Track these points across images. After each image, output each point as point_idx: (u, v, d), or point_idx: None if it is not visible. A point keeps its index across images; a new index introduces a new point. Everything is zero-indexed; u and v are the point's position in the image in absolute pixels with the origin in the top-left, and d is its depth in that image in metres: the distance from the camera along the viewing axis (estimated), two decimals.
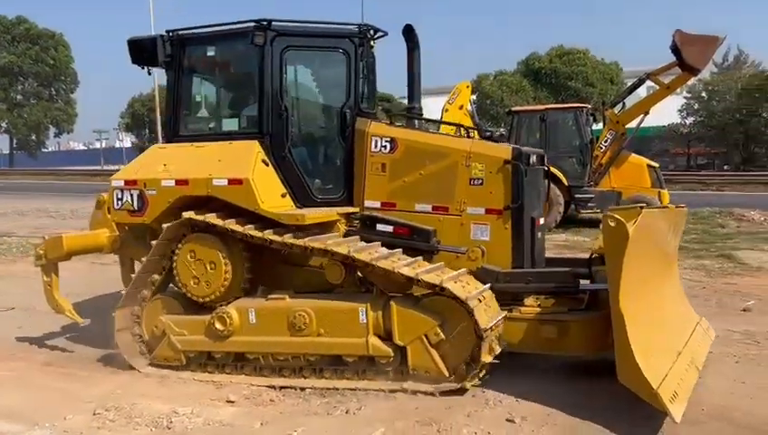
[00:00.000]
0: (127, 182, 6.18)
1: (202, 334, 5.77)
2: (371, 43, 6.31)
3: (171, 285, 6.18)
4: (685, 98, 42.41)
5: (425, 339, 5.13)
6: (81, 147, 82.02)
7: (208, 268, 5.72)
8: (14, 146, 58.71)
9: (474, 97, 26.98)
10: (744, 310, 7.73)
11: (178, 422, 4.83)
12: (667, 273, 5.85)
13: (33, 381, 5.92)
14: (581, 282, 5.62)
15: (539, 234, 5.88)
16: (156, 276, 6.07)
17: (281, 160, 5.97)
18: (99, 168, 53.66)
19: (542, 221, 6.00)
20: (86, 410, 5.08)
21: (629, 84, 16.62)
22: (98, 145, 64.82)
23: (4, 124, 57.10)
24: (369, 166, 6.06)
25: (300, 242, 5.47)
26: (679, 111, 42.62)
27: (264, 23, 5.84)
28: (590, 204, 15.52)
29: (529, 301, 5.71)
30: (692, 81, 24.87)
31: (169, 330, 5.87)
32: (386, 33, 6.38)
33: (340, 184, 6.18)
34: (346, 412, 4.93)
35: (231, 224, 5.59)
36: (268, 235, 5.54)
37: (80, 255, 6.82)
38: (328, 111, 6.52)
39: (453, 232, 5.82)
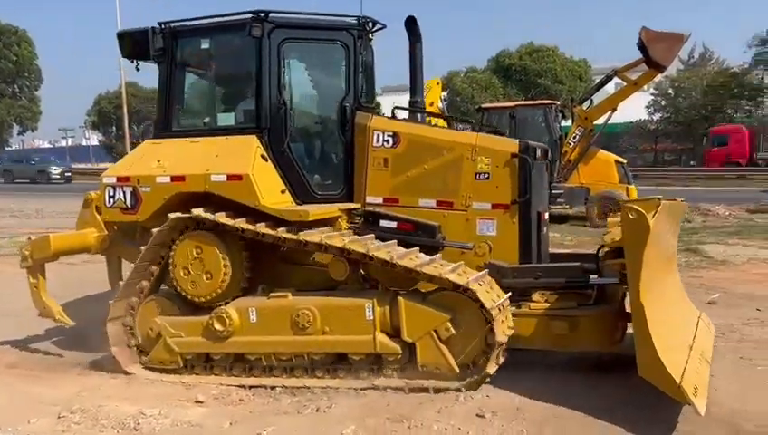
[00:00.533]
0: (119, 179, 5.96)
1: (200, 336, 5.60)
2: (370, 35, 6.20)
3: (165, 285, 5.99)
4: (652, 95, 43.22)
5: (434, 335, 5.03)
6: (47, 145, 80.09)
7: (206, 267, 5.53)
8: None
9: (444, 94, 27.03)
10: (710, 303, 7.77)
11: (146, 424, 4.69)
12: (671, 267, 5.85)
13: None
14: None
15: (544, 229, 5.83)
16: (150, 277, 5.87)
17: (279, 156, 5.82)
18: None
19: (546, 216, 5.95)
20: (51, 413, 4.91)
21: (597, 81, 16.82)
22: (63, 143, 63.44)
23: None
24: (371, 161, 5.94)
25: (338, 243, 5.27)
26: (646, 107, 43.36)
27: (262, 14, 5.69)
28: (559, 200, 15.67)
29: (535, 296, 5.62)
30: (659, 77, 25.35)
31: (165, 332, 5.68)
32: (384, 26, 6.28)
33: (340, 180, 6.05)
34: (316, 411, 4.86)
35: (262, 228, 5.41)
36: (303, 236, 5.33)
37: (67, 255, 6.59)
38: (327, 105, 6.36)
39: (458, 227, 5.73)
